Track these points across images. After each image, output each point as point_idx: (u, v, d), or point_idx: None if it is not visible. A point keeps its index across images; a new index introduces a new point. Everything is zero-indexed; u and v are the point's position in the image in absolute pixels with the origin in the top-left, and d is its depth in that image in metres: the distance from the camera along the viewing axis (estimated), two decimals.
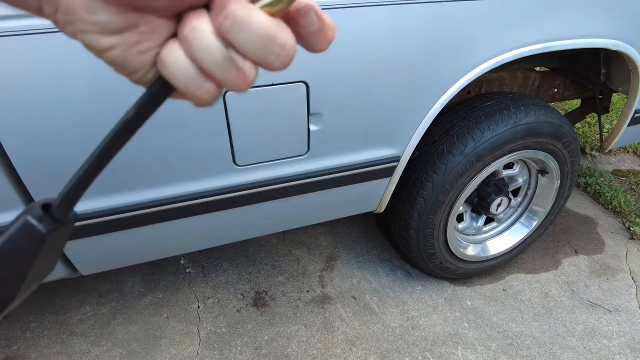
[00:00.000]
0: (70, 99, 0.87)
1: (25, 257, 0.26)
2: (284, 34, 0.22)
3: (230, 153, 1.06)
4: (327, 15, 0.24)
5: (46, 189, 0.96)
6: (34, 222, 0.26)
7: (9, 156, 0.88)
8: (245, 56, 0.22)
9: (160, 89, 0.24)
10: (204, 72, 0.23)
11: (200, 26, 0.22)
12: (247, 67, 0.23)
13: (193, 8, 0.23)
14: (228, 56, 0.22)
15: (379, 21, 1.01)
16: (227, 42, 0.22)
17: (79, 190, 0.26)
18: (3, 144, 0.87)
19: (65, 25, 0.22)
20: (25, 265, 0.26)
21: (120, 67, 0.24)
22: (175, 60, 0.23)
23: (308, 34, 0.24)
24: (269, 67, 0.23)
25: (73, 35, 0.23)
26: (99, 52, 0.23)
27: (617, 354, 1.55)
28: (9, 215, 0.96)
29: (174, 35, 0.24)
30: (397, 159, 1.28)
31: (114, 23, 0.22)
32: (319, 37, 0.24)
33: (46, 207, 0.27)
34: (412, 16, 1.04)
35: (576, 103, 2.86)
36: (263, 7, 0.21)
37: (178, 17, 0.23)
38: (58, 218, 0.27)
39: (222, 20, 0.21)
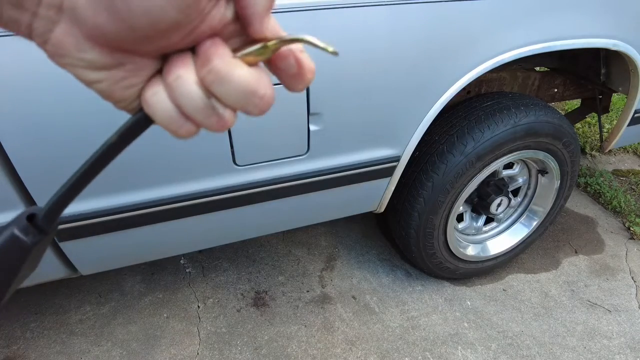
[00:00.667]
0: (71, 98, 0.87)
1: (12, 267, 0.27)
2: (264, 86, 0.23)
3: (230, 153, 1.06)
4: (307, 58, 0.25)
5: (46, 189, 0.96)
6: (20, 234, 0.27)
7: (9, 156, 0.88)
8: (225, 105, 0.24)
9: (142, 121, 0.25)
10: (185, 115, 0.24)
11: (184, 75, 0.23)
12: (227, 114, 0.24)
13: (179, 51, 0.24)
14: (209, 104, 0.23)
15: (379, 21, 1.01)
16: (209, 92, 0.23)
17: (63, 203, 0.27)
18: (3, 144, 0.87)
19: (54, 57, 0.23)
20: (12, 274, 0.28)
21: (106, 97, 0.25)
22: (158, 102, 0.24)
23: (286, 76, 0.25)
24: (248, 114, 0.24)
25: (62, 66, 0.24)
26: (86, 83, 0.24)
27: (617, 354, 1.55)
28: (9, 216, 0.96)
29: (159, 71, 0.24)
30: (397, 159, 1.28)
31: (101, 61, 0.23)
32: (296, 80, 0.25)
33: (31, 218, 0.27)
34: (411, 16, 1.04)
35: (576, 103, 2.86)
36: (245, 55, 0.23)
37: (164, 56, 0.24)
38: (43, 229, 0.28)
39: (206, 74, 0.23)
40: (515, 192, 1.75)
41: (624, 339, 1.60)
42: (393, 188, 1.39)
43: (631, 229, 2.10)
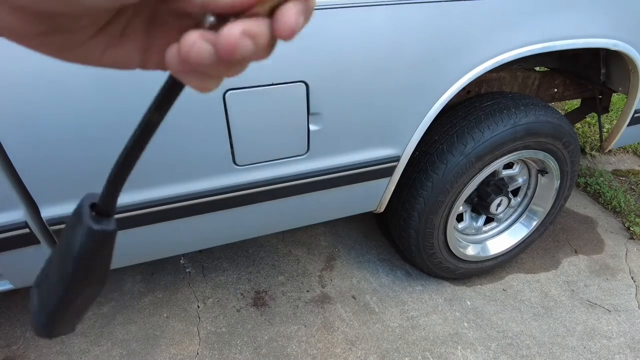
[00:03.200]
0: (71, 98, 0.87)
1: (104, 258, 0.29)
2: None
3: (230, 153, 1.06)
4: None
5: (46, 189, 0.96)
6: (97, 226, 0.28)
7: (9, 156, 0.88)
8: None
9: (174, 86, 0.25)
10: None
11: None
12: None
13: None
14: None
15: (379, 21, 1.01)
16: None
17: (115, 187, 0.28)
18: (3, 144, 0.87)
19: None
20: (106, 263, 0.30)
21: (64, 60, 0.25)
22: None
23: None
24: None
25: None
26: (35, 50, 0.24)
27: (616, 353, 1.55)
28: (9, 215, 0.96)
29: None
30: (397, 158, 1.28)
31: (32, 30, 0.23)
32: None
33: (93, 206, 0.28)
34: (411, 16, 1.04)
35: (576, 103, 2.86)
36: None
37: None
38: (108, 214, 0.29)
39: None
40: (515, 192, 1.75)
41: (623, 339, 1.60)
42: (393, 188, 1.39)
43: (631, 229, 2.10)
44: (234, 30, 0.21)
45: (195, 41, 0.22)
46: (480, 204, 1.64)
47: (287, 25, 0.21)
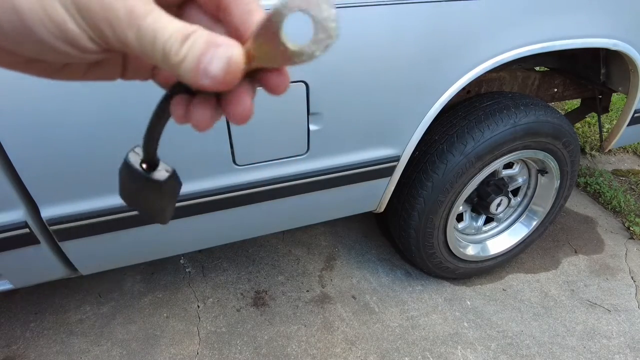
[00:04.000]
0: (71, 98, 0.87)
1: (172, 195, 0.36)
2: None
3: (230, 153, 1.06)
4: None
5: (46, 189, 0.96)
6: (157, 177, 0.33)
7: (9, 156, 0.88)
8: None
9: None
10: None
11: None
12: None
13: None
14: None
15: (379, 21, 1.01)
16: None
17: (153, 143, 0.31)
18: (3, 144, 0.87)
19: None
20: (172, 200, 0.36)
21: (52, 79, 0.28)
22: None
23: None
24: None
25: None
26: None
27: (616, 353, 1.55)
28: (9, 215, 0.96)
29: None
30: (397, 158, 1.28)
31: (9, 60, 0.25)
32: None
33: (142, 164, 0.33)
34: (411, 16, 1.04)
35: (576, 103, 2.87)
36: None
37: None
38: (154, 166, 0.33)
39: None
40: (515, 192, 1.75)
41: (623, 339, 1.60)
42: (393, 188, 1.39)
43: (631, 228, 2.10)
44: (246, 105, 0.26)
45: (208, 120, 0.26)
46: (480, 204, 1.64)
47: (276, 88, 0.26)
